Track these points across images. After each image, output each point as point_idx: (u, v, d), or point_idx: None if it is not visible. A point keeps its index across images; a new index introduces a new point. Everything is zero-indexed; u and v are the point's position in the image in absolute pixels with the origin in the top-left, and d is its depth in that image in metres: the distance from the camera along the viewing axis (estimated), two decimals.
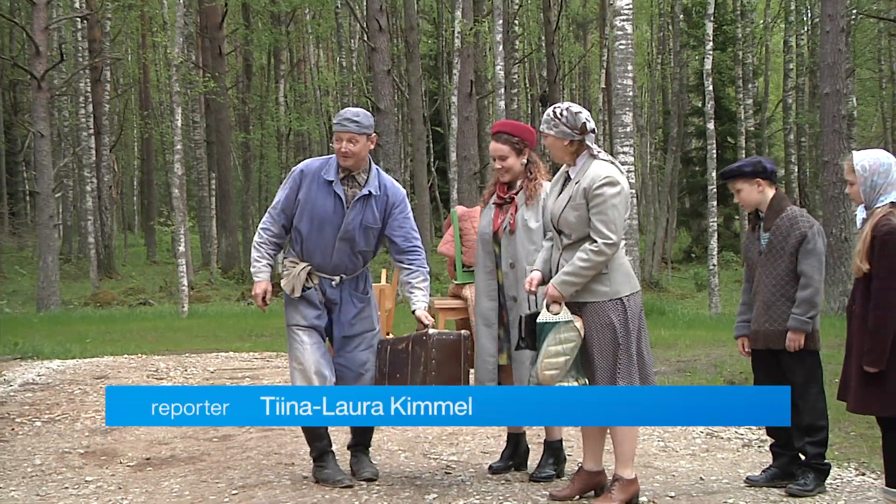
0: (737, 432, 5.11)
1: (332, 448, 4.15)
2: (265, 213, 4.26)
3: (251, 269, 4.21)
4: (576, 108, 3.71)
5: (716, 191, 15.27)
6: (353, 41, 24.30)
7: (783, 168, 24.99)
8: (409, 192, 4.50)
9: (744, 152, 21.66)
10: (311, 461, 4.18)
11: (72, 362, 8.06)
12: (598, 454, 3.78)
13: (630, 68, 11.27)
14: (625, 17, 11.01)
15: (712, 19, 15.90)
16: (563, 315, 3.58)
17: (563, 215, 3.66)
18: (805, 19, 23.66)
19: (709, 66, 15.51)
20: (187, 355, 8.65)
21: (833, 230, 11.14)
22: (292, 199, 4.11)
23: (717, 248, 15.17)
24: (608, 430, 3.73)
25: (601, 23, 23.05)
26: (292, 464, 4.47)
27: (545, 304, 3.62)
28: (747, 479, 4.07)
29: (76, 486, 4.17)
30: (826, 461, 3.94)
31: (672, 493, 3.88)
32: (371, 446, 4.31)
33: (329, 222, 4.04)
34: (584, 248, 3.58)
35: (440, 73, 24.18)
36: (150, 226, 25.94)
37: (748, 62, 23.47)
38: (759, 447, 4.74)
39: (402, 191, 4.20)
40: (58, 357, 8.45)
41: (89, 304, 16.78)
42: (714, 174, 14.63)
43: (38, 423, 5.55)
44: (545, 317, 3.60)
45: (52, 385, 6.81)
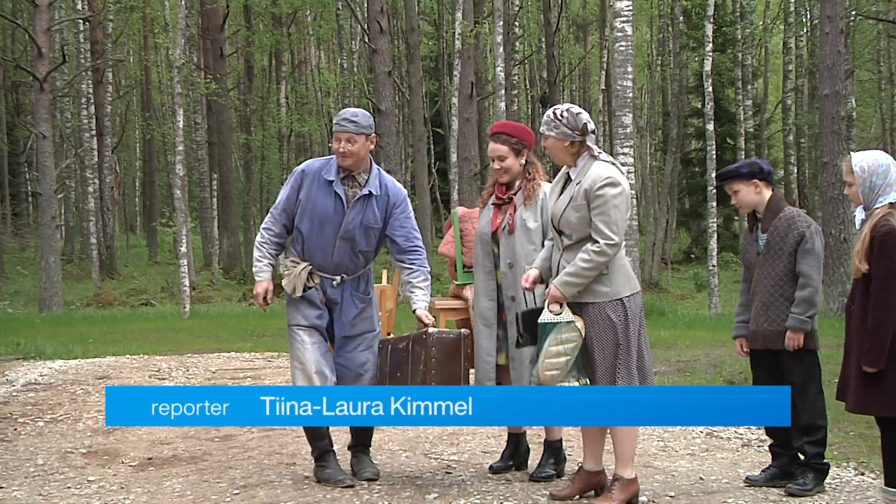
0: (736, 432, 5.12)
1: (333, 448, 4.15)
2: (267, 214, 4.28)
3: (253, 268, 4.24)
4: (576, 109, 3.73)
5: (715, 192, 15.26)
6: (354, 43, 24.33)
7: (783, 169, 25.00)
8: (409, 193, 4.50)
9: (743, 153, 21.64)
10: (313, 461, 4.19)
11: (74, 362, 8.08)
12: (598, 454, 3.79)
13: (630, 70, 11.27)
14: (625, 19, 11.02)
15: (712, 21, 15.90)
16: (565, 315, 3.59)
17: (564, 216, 3.67)
18: (804, 21, 23.67)
19: (708, 67, 15.52)
20: (189, 355, 8.66)
21: (832, 231, 11.14)
22: (293, 199, 4.13)
23: (716, 249, 15.16)
24: (608, 430, 3.74)
25: (601, 24, 23.04)
26: (294, 464, 4.48)
27: (546, 304, 3.63)
28: (747, 478, 4.07)
29: (78, 486, 4.18)
30: (825, 461, 3.95)
31: (672, 493, 3.89)
32: (372, 446, 4.32)
33: (329, 222, 4.05)
34: (585, 248, 3.59)
35: (441, 75, 24.19)
36: (152, 226, 25.97)
37: (748, 63, 23.46)
38: (759, 447, 4.74)
39: (403, 191, 4.21)
40: (60, 357, 8.47)
41: (91, 305, 16.81)
42: (714, 175, 14.63)
43: (41, 423, 5.56)
44: (546, 317, 3.61)
45: (55, 385, 6.82)
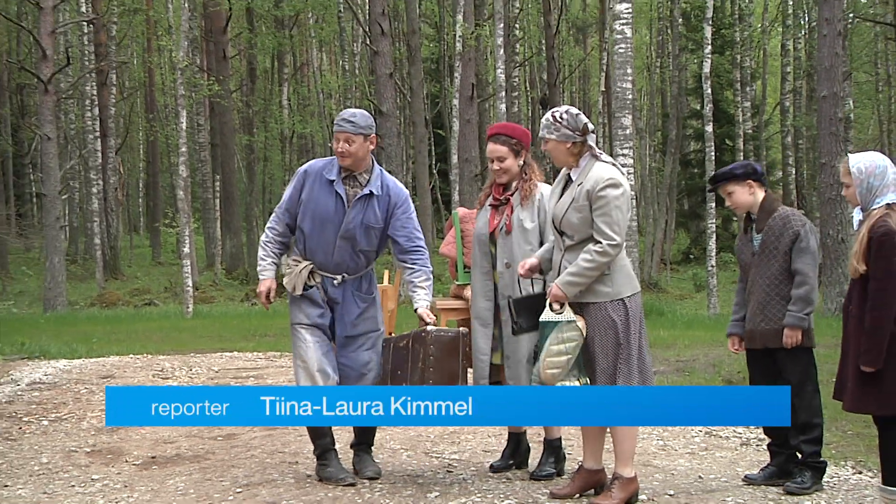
0: (735, 431, 5.14)
1: (335, 446, 4.17)
2: (272, 213, 4.32)
3: (257, 267, 4.27)
4: (574, 110, 3.76)
5: (714, 193, 15.25)
6: (355, 45, 24.37)
7: (781, 170, 25.02)
8: (411, 194, 4.52)
9: (742, 155, 21.67)
10: (315, 459, 4.21)
11: (78, 362, 8.11)
12: (598, 453, 3.81)
13: (629, 72, 11.30)
14: (624, 21, 11.05)
15: (711, 23, 15.93)
16: (566, 315, 3.62)
17: (565, 217, 3.69)
18: (802, 23, 23.68)
19: (707, 69, 15.55)
20: (192, 355, 8.69)
21: (830, 231, 11.14)
22: (296, 199, 4.16)
23: (715, 250, 15.15)
24: (608, 429, 3.76)
25: (601, 27, 23.06)
26: (296, 462, 4.50)
27: (548, 303, 3.66)
28: (745, 477, 4.09)
29: (83, 485, 4.20)
30: (822, 459, 3.96)
31: (671, 492, 3.91)
32: (374, 445, 4.34)
33: (330, 221, 4.08)
34: (588, 249, 3.61)
35: (442, 77, 24.21)
36: (156, 227, 26.00)
37: (746, 65, 23.46)
38: (758, 446, 4.76)
39: (404, 191, 4.24)
40: (64, 357, 8.50)
41: (95, 305, 16.84)
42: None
43: (45, 422, 5.59)
44: (548, 316, 3.64)
45: (59, 384, 6.85)
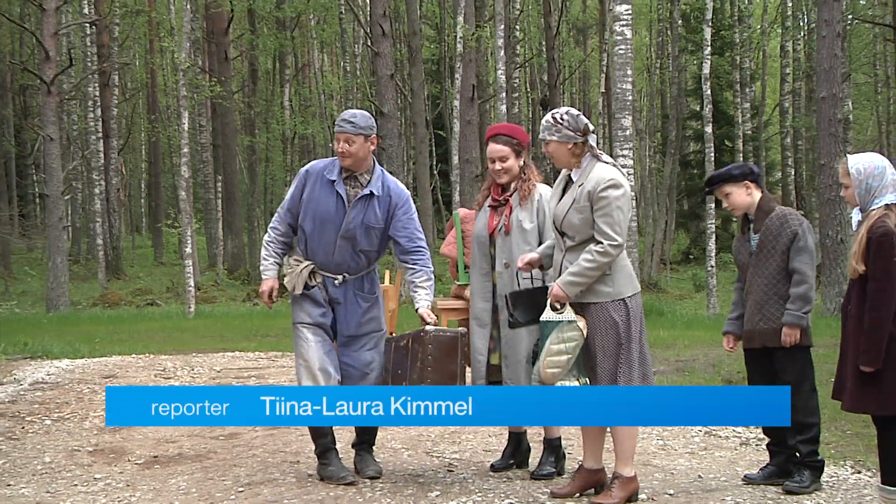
0: (735, 431, 5.15)
1: (335, 445, 4.18)
2: (274, 214, 4.34)
3: (260, 266, 4.29)
4: (574, 111, 3.78)
5: (711, 194, 15.26)
6: (356, 46, 24.40)
7: (780, 171, 25.04)
8: (411, 195, 4.53)
9: (741, 155, 21.71)
10: (316, 459, 4.22)
11: (80, 362, 8.12)
12: (598, 452, 3.82)
13: (629, 73, 11.31)
14: (624, 23, 11.06)
15: (710, 24, 15.95)
16: (567, 315, 3.64)
17: (566, 218, 3.71)
18: (802, 24, 23.71)
19: (707, 70, 15.56)
20: (194, 355, 8.71)
21: (829, 232, 11.15)
22: (297, 199, 4.18)
23: (714, 250, 15.16)
24: (608, 429, 3.77)
25: (601, 28, 23.08)
26: (297, 462, 4.51)
27: (549, 303, 3.68)
28: (745, 476, 4.10)
29: (85, 484, 4.22)
30: (819, 457, 3.97)
31: (671, 491, 3.91)
32: (375, 444, 4.35)
33: (331, 221, 4.10)
34: (589, 249, 3.63)
35: (442, 78, 24.22)
36: (158, 228, 26.03)
37: (745, 67, 23.48)
38: (757, 445, 4.77)
39: (405, 192, 4.25)
40: (67, 357, 8.51)
41: (98, 305, 16.86)
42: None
43: (48, 422, 5.61)
44: (549, 316, 3.66)
45: (62, 384, 6.87)
